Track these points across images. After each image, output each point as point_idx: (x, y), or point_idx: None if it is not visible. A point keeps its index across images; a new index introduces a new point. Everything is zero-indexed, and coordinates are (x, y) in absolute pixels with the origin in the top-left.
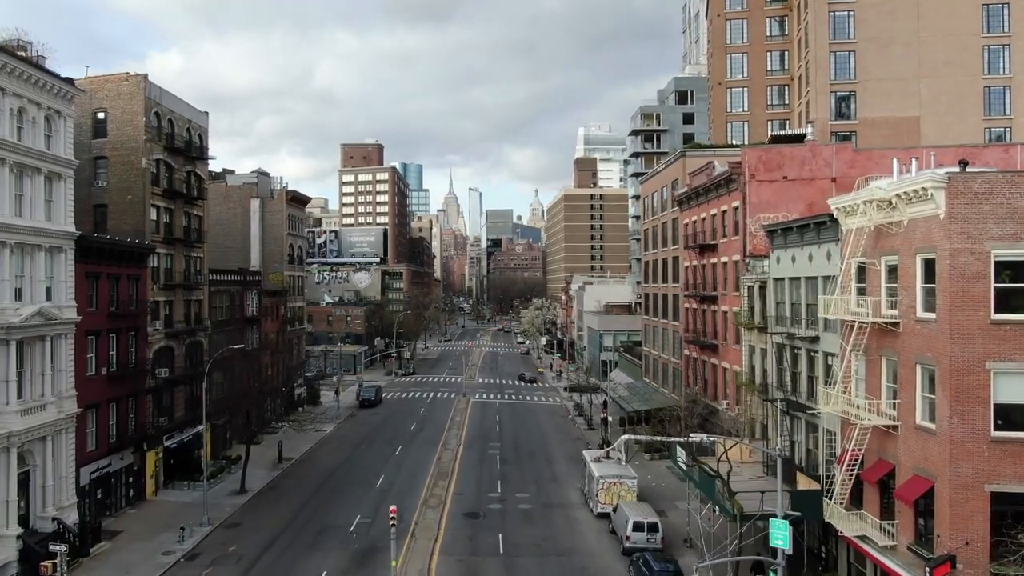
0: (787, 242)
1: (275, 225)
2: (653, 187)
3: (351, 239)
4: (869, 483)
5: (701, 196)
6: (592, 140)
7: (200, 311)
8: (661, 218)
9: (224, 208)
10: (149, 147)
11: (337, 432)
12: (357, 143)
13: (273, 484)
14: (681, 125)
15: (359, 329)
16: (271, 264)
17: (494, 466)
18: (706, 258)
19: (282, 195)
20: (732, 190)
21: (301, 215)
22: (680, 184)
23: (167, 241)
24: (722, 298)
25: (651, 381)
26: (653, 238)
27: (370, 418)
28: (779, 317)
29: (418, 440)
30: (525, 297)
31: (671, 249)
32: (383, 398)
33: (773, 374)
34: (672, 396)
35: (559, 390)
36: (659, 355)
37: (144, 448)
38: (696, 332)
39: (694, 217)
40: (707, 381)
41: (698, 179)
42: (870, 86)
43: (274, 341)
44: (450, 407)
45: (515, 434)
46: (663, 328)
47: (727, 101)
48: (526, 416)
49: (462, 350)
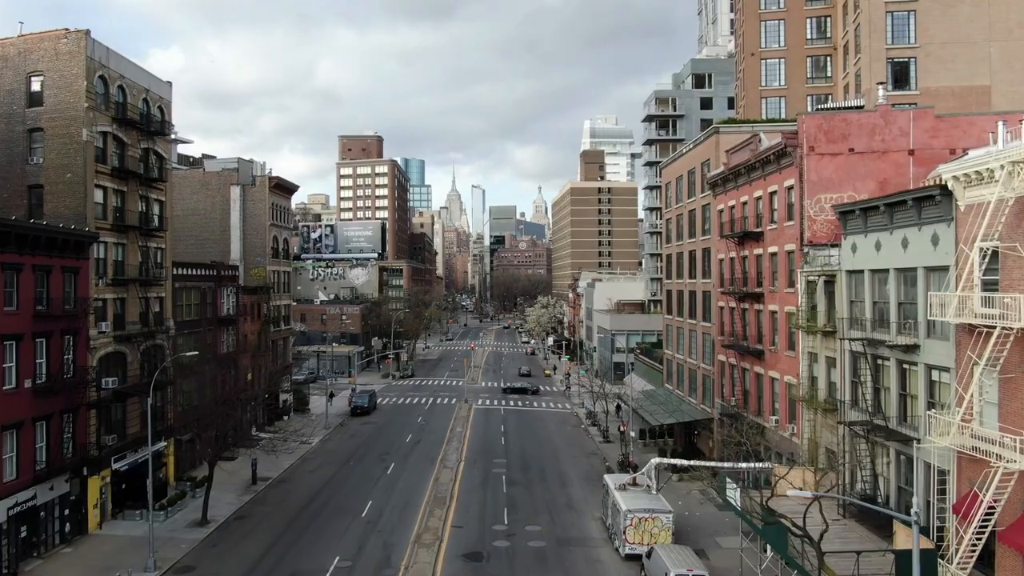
0: (868, 225)
1: (257, 215)
2: (677, 171)
3: (348, 233)
4: (1009, 546)
5: (742, 176)
6: (598, 133)
7: (162, 310)
8: (688, 205)
9: (202, 197)
10: (92, 116)
11: (324, 445)
12: (356, 135)
13: (242, 512)
14: (699, 110)
15: (355, 329)
16: (253, 258)
17: (499, 488)
18: (748, 249)
19: (265, 182)
20: (785, 166)
21: (287, 204)
22: (712, 165)
23: (118, 228)
24: (770, 296)
25: (674, 388)
26: (677, 228)
27: (362, 428)
28: (855, 319)
29: (414, 455)
30: (529, 295)
31: (700, 240)
32: (377, 404)
33: (845, 389)
34: (702, 408)
35: (568, 394)
36: (684, 360)
37: (85, 473)
38: (735, 335)
39: (732, 202)
40: (748, 393)
41: (739, 156)
42: (933, 51)
43: (254, 343)
44: (450, 415)
45: (522, 447)
46: (690, 330)
47: (761, 74)
48: (534, 425)
49: (464, 350)
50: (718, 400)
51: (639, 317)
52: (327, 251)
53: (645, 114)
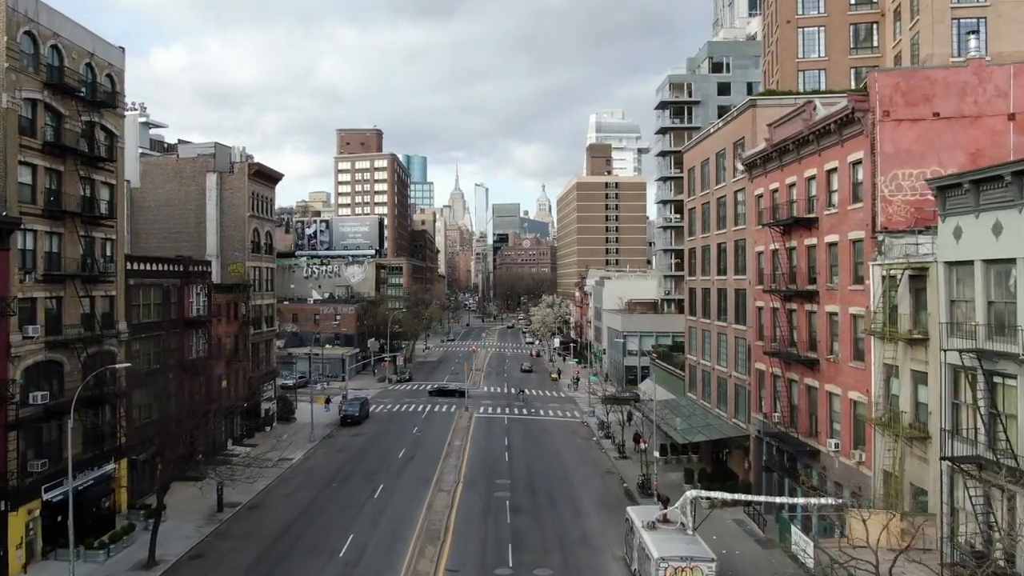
0: (982, 202)
1: (236, 205)
2: (702, 155)
3: (343, 229)
4: None
5: (789, 153)
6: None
7: (112, 311)
8: (716, 192)
9: (175, 186)
10: (15, 80)
11: (306, 461)
12: (354, 129)
13: (200, 550)
14: (715, 96)
15: (349, 330)
16: (231, 253)
17: (503, 518)
18: (797, 239)
19: (244, 169)
20: (849, 137)
21: (269, 194)
22: (749, 143)
23: (51, 215)
24: (827, 295)
25: (699, 398)
26: (702, 219)
27: (351, 440)
28: (958, 324)
29: (406, 475)
30: (533, 294)
31: (732, 231)
32: (370, 412)
33: (944, 414)
34: (734, 423)
35: (577, 401)
36: (712, 367)
37: (4, 508)
38: (779, 341)
39: (774, 184)
40: (796, 408)
41: (785, 130)
42: (1005, 11)
43: (230, 347)
44: (449, 424)
45: (528, 465)
46: (718, 333)
47: (798, 44)
48: (541, 437)
49: (466, 352)
50: (755, 415)
51: (653, 317)
52: (322, 248)
53: (658, 100)
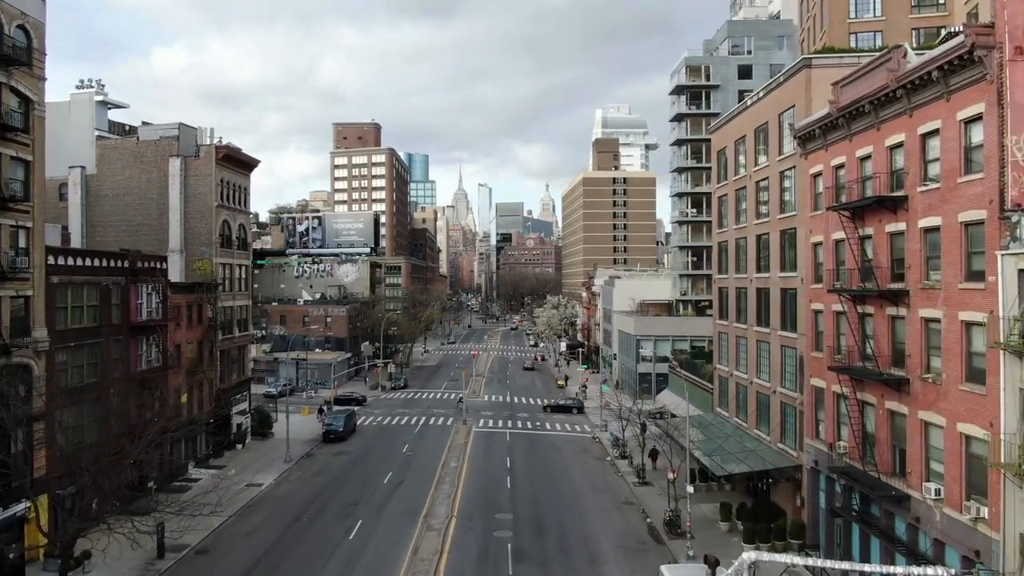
0: None
1: (202, 194)
2: (736, 132)
3: (337, 226)
4: None
5: (864, 117)
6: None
7: (27, 315)
8: (754, 175)
9: (135, 172)
10: None
11: (276, 488)
12: (351, 122)
13: None
14: (736, 80)
15: (341, 332)
16: (197, 248)
17: (503, 567)
18: (875, 224)
19: (211, 153)
20: (960, 86)
21: (243, 183)
22: (801, 112)
23: None
24: (921, 295)
25: (731, 415)
26: (734, 207)
27: (332, 460)
28: None
29: (391, 506)
30: (537, 294)
31: (777, 219)
32: (357, 426)
33: None
34: (780, 449)
35: (586, 411)
36: (749, 380)
37: None
38: (845, 353)
39: (838, 158)
40: (873, 439)
41: (859, 87)
42: None
43: (193, 355)
44: (444, 441)
45: (534, 493)
46: (758, 340)
47: (850, 2)
48: (547, 457)
49: (467, 355)
50: (811, 442)
51: (668, 320)
52: (315, 246)
53: (673, 85)
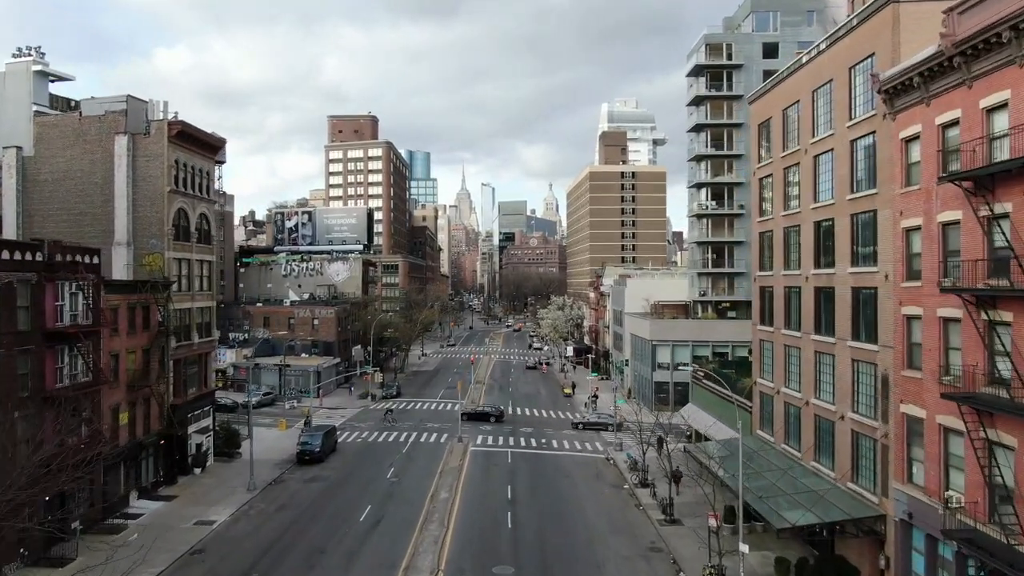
0: None
1: (153, 177)
2: (787, 97)
3: (328, 222)
4: None
5: (999, 50)
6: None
7: None
8: (813, 147)
9: (78, 152)
10: None
11: (231, 527)
12: (347, 115)
13: None
14: (760, 59)
15: (329, 335)
16: (146, 240)
17: None
18: (1011, 199)
19: (163, 129)
20: None
21: (206, 166)
22: (883, 62)
23: None
24: None
25: (777, 441)
26: (783, 189)
27: (303, 489)
28: None
29: (364, 556)
30: (541, 294)
31: (848, 200)
32: (338, 443)
33: None
34: (852, 491)
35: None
36: (802, 400)
37: None
38: (961, 374)
39: (949, 114)
40: (1009, 493)
41: (997, 6)
42: None
43: (136, 367)
44: (436, 464)
45: (541, 535)
46: (817, 352)
47: None
48: (556, 486)
49: (467, 359)
50: (900, 486)
51: (688, 324)
52: (304, 243)
53: (692, 65)
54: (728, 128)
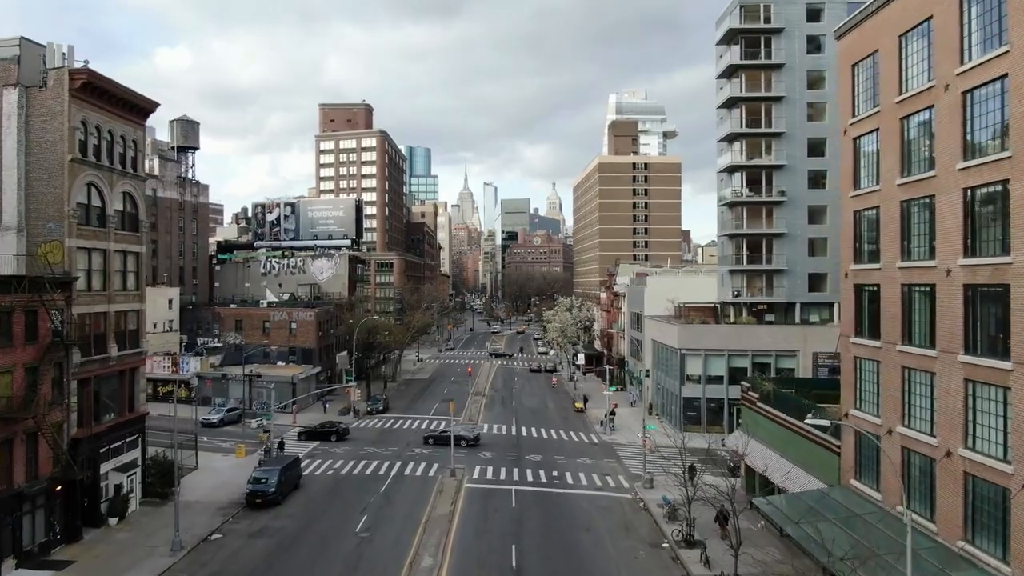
0: None
1: (51, 143)
2: (906, 19)
3: (313, 214)
4: None
5: None
6: (625, 109)
7: None
8: (960, 80)
9: None
10: None
11: None
12: (339, 103)
13: None
14: (803, 23)
15: (308, 341)
16: (42, 223)
17: None
18: None
19: (63, 81)
20: None
21: (129, 132)
22: None
23: None
24: None
25: (883, 498)
26: (899, 147)
27: (246, 548)
28: None
29: None
30: (545, 295)
31: (1007, 162)
32: (302, 479)
33: None
34: None
35: (617, 451)
36: (938, 448)
37: None
38: None
39: None
40: None
41: None
42: None
43: (14, 393)
44: (421, 510)
45: None
46: (969, 380)
47: None
48: (575, 544)
49: (466, 364)
50: None
51: (723, 329)
52: (287, 237)
53: (724, 30)
54: (767, 102)
